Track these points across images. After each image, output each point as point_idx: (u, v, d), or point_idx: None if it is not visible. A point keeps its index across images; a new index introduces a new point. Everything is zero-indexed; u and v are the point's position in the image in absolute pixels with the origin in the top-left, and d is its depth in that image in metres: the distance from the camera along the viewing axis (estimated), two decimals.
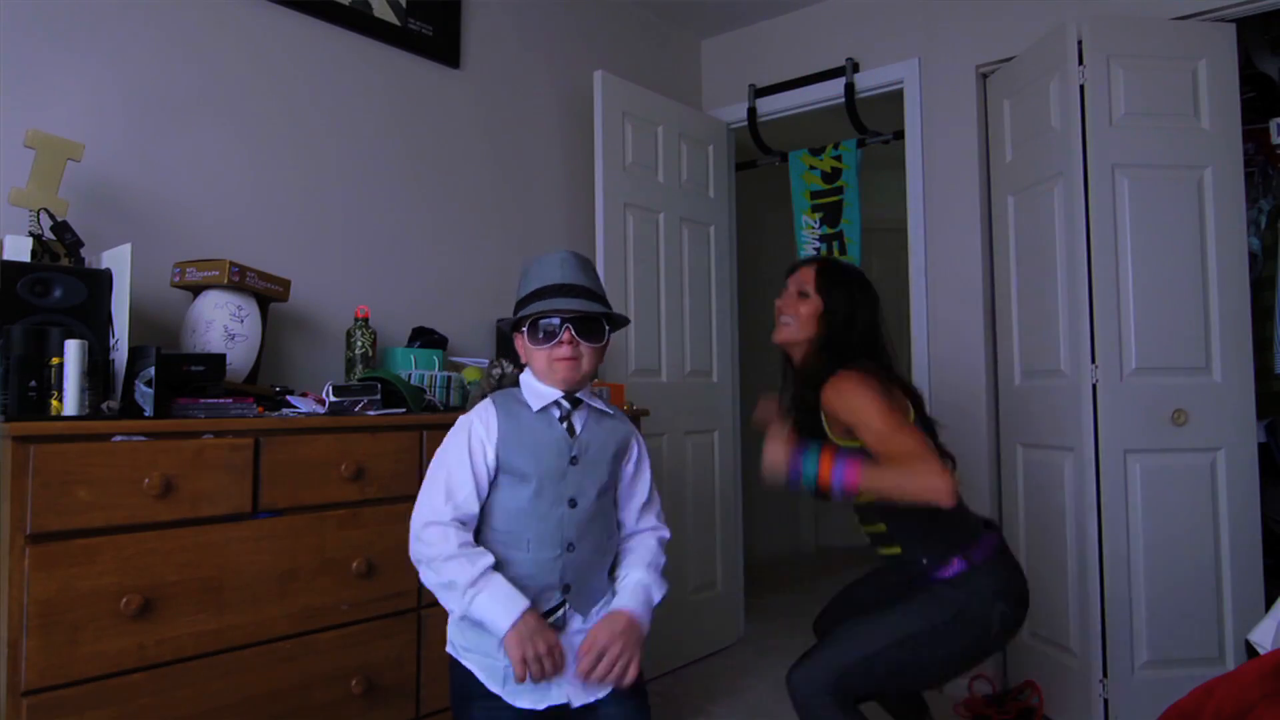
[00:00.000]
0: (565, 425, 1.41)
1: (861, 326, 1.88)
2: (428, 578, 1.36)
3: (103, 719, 1.44)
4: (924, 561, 1.77)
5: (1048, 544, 2.71)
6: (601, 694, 1.40)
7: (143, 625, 1.49)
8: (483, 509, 1.40)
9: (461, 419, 1.43)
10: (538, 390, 1.42)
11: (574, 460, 1.39)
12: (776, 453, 1.67)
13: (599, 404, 1.46)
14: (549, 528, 1.37)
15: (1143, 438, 2.49)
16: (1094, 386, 2.51)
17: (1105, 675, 2.46)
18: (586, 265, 1.44)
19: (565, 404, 1.41)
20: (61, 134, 1.81)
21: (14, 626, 1.37)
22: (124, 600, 1.46)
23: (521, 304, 1.41)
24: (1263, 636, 1.75)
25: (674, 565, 3.19)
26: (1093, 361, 2.51)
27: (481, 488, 1.38)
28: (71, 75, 1.95)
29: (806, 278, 1.91)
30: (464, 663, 1.40)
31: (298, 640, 1.70)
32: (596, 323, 1.40)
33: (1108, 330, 2.50)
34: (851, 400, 1.71)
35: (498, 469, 1.38)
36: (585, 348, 1.38)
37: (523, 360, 1.45)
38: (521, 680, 1.30)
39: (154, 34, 2.09)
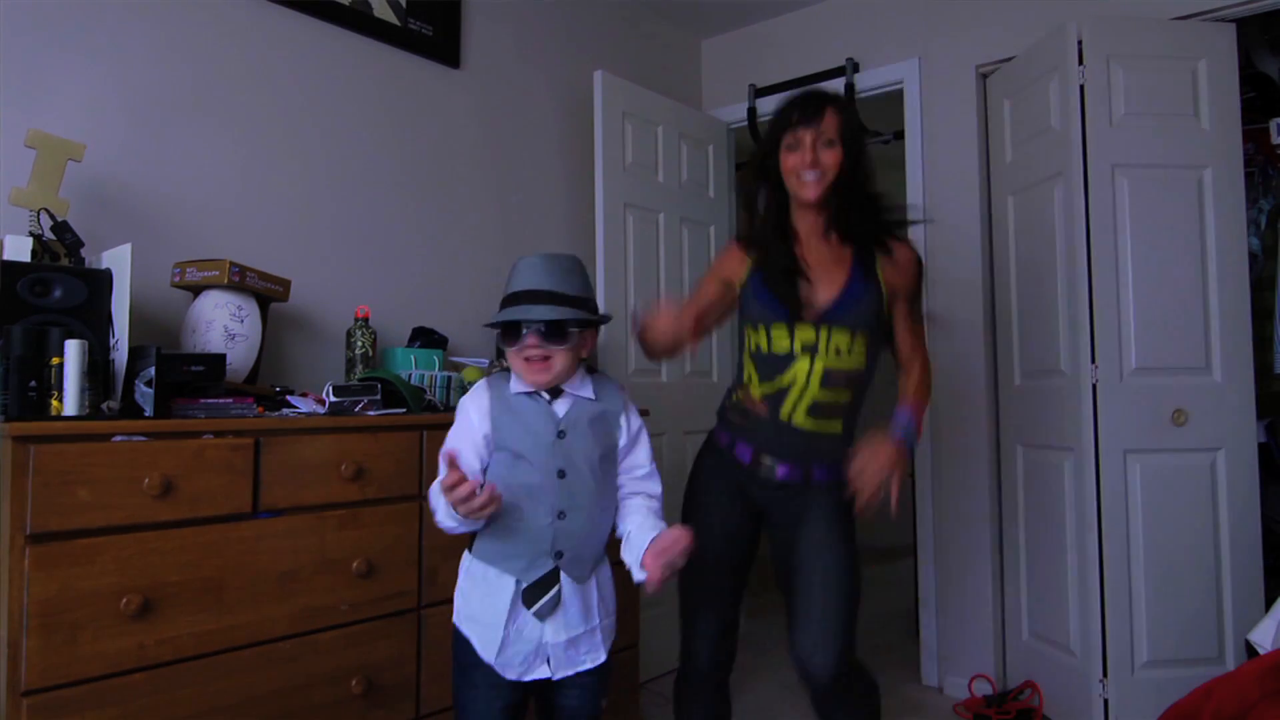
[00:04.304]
0: (550, 405, 1.49)
1: (872, 179, 1.76)
2: (444, 523, 1.45)
3: (103, 719, 1.44)
4: (850, 443, 1.76)
5: (1048, 544, 2.71)
6: (576, 670, 1.49)
7: (143, 625, 1.49)
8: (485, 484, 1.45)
9: (460, 404, 1.53)
10: (522, 379, 1.50)
11: (561, 434, 1.47)
12: (665, 323, 1.56)
13: (585, 392, 1.51)
14: (540, 497, 1.45)
15: (1143, 438, 2.49)
16: (1094, 386, 2.51)
17: (1105, 675, 2.46)
18: (560, 267, 1.47)
19: (545, 394, 1.49)
20: (62, 134, 1.81)
21: (14, 626, 1.37)
22: (124, 600, 1.47)
23: (501, 306, 1.49)
24: (1263, 636, 1.75)
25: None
26: (1093, 361, 2.51)
27: (482, 457, 1.48)
28: (72, 75, 1.95)
29: (832, 124, 1.68)
30: (464, 631, 1.49)
31: (298, 640, 1.70)
32: (560, 326, 1.44)
33: (1108, 330, 2.50)
34: (917, 279, 1.80)
35: (495, 446, 1.48)
36: (553, 349, 1.44)
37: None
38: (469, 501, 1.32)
39: (155, 34, 2.09)
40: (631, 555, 1.45)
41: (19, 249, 1.64)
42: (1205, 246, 2.54)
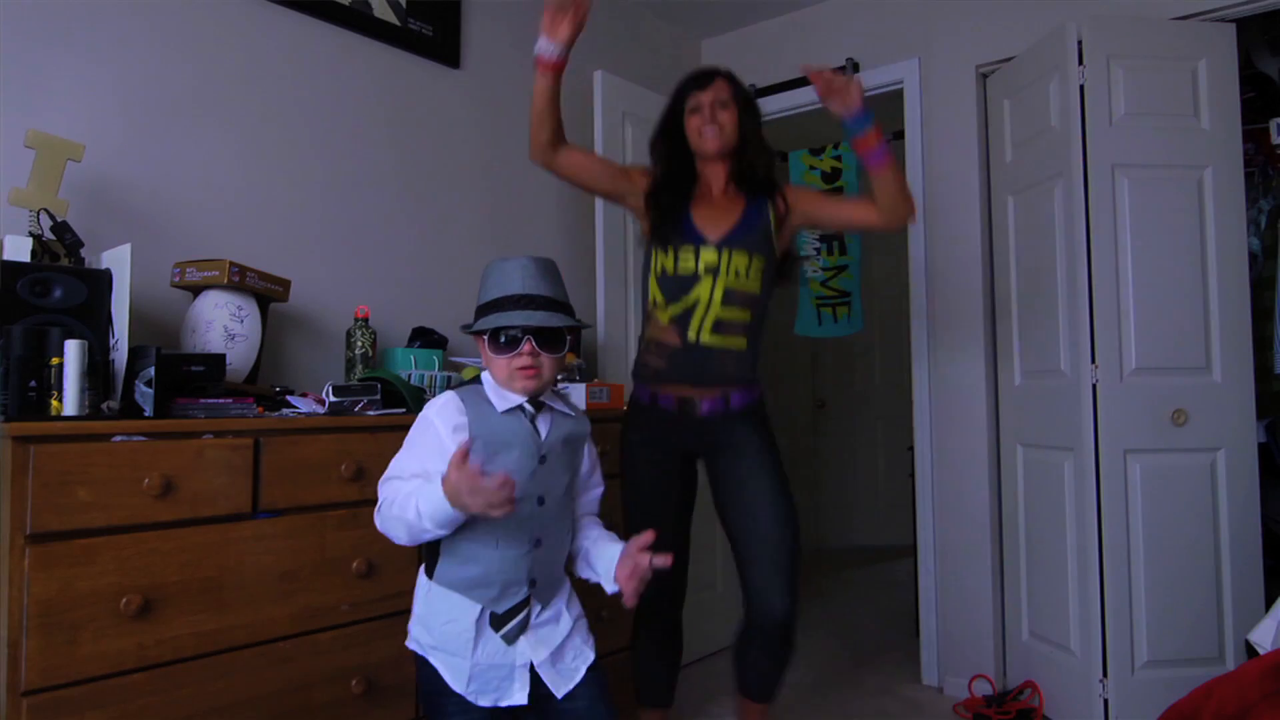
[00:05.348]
0: (532, 426, 1.43)
1: (762, 135, 2.08)
2: (391, 529, 1.36)
3: (103, 719, 1.44)
4: (754, 363, 1.98)
5: (1048, 544, 2.71)
6: (576, 681, 1.44)
7: (143, 625, 1.49)
8: None
9: (422, 416, 1.42)
10: (502, 393, 1.43)
11: (543, 459, 1.42)
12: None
13: (561, 406, 1.49)
14: (518, 525, 1.39)
15: (1143, 438, 2.49)
16: (1094, 386, 2.51)
17: (1105, 675, 2.46)
18: (548, 271, 1.45)
19: (530, 408, 1.43)
20: (62, 134, 1.81)
21: (14, 626, 1.37)
22: (124, 600, 1.46)
23: (483, 310, 1.42)
24: (1263, 636, 1.75)
25: None
26: (1093, 361, 2.51)
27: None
28: (72, 76, 1.95)
29: (723, 90, 2.01)
30: (431, 660, 1.42)
31: (298, 640, 1.70)
32: (557, 333, 1.41)
33: (1108, 330, 2.50)
34: (807, 192, 2.13)
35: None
36: (545, 358, 1.40)
37: (484, 364, 1.47)
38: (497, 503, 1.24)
39: (155, 34, 2.09)
40: (598, 571, 1.47)
41: (19, 249, 1.64)
42: (1205, 246, 2.54)
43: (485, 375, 1.48)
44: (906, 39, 3.20)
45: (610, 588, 1.44)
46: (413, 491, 1.30)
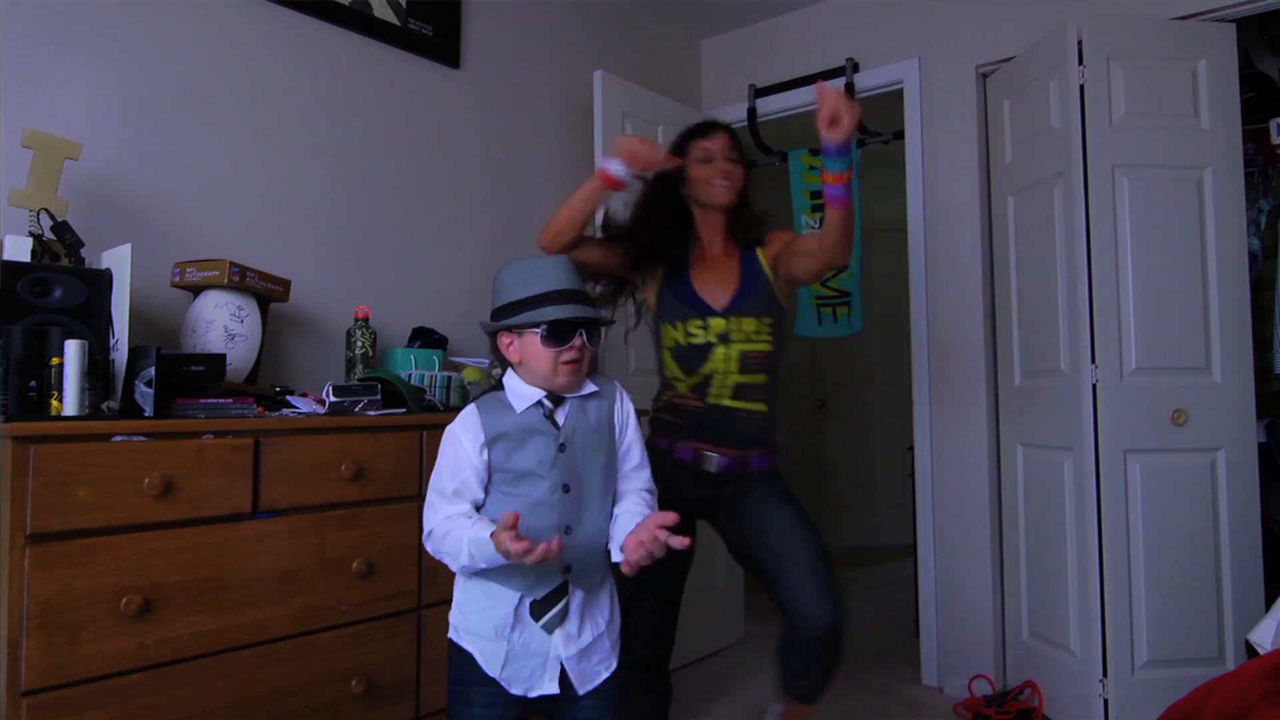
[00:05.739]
0: (548, 420, 1.42)
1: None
2: (445, 560, 1.39)
3: (103, 719, 1.44)
4: (774, 427, 1.97)
5: (1048, 544, 2.71)
6: (596, 683, 1.44)
7: (143, 625, 1.49)
8: (483, 502, 1.42)
9: (446, 431, 1.44)
10: (521, 392, 1.43)
11: (562, 447, 1.42)
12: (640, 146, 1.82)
13: (587, 389, 1.47)
14: (546, 514, 1.40)
15: (1143, 438, 2.49)
16: (1094, 386, 2.51)
17: (1105, 675, 2.46)
18: (574, 268, 1.47)
19: (547, 403, 1.43)
20: (61, 134, 1.81)
21: (14, 626, 1.37)
22: (124, 600, 1.47)
23: (520, 306, 1.40)
24: (1263, 636, 1.75)
25: None
26: (1093, 361, 2.51)
27: (483, 481, 1.41)
28: (72, 75, 1.95)
29: (726, 143, 1.99)
30: (464, 645, 1.43)
31: (298, 640, 1.70)
32: (595, 328, 1.43)
33: (1108, 330, 2.50)
34: (786, 237, 2.04)
35: (490, 469, 1.41)
36: (587, 351, 1.42)
37: (515, 361, 1.44)
38: (530, 556, 1.25)
39: (154, 34, 2.09)
40: (613, 535, 1.44)
41: (19, 249, 1.64)
42: (1205, 246, 2.54)
43: (509, 379, 1.46)
44: (906, 39, 3.20)
45: (615, 555, 1.42)
46: (462, 535, 1.33)
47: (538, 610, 1.40)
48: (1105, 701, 2.46)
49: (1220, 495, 2.51)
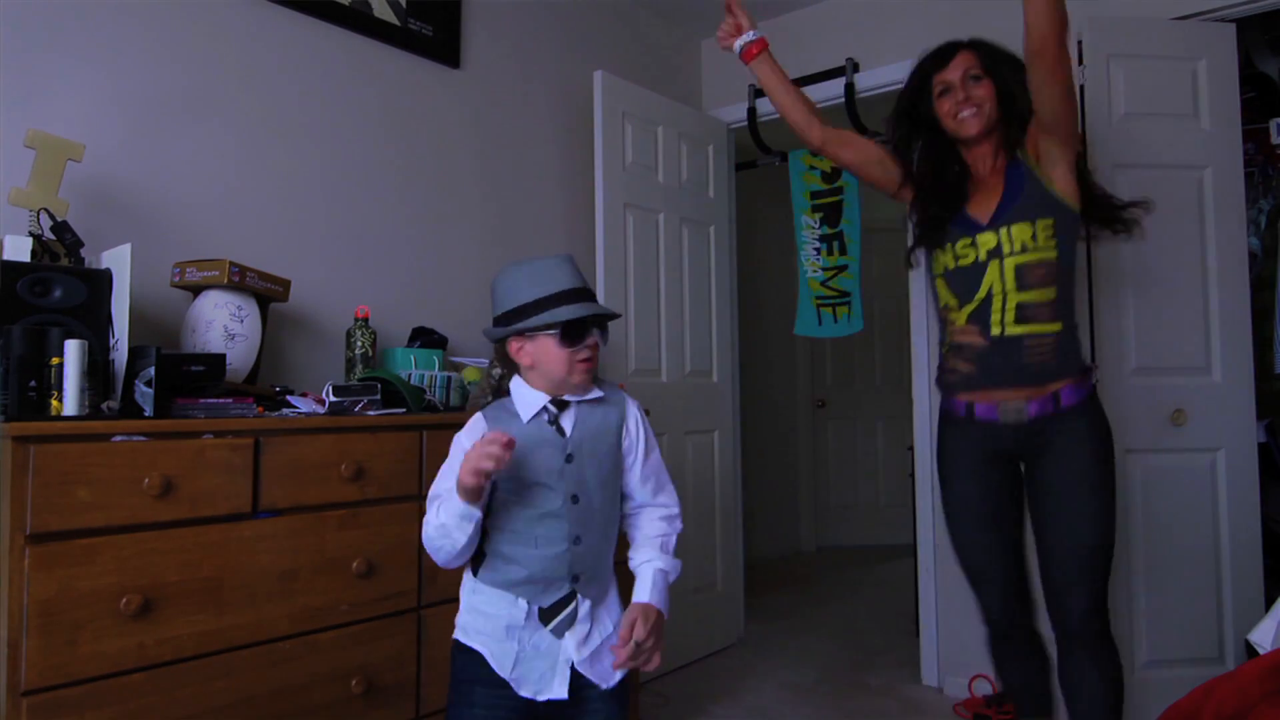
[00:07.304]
0: (555, 428, 1.41)
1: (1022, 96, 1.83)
2: (437, 545, 1.36)
3: (103, 719, 1.44)
4: (1078, 346, 1.79)
5: None
6: (613, 682, 1.43)
7: (143, 625, 1.49)
8: (490, 513, 1.41)
9: (455, 440, 1.44)
10: (527, 398, 1.42)
11: (569, 458, 1.40)
12: None
13: (595, 393, 1.45)
14: (555, 524, 1.39)
15: (1143, 438, 2.49)
16: (1094, 386, 2.51)
17: None
18: (576, 266, 1.47)
19: (552, 408, 1.41)
20: (62, 134, 1.81)
21: (14, 626, 1.37)
22: (124, 600, 1.46)
23: (530, 309, 1.38)
24: (1263, 636, 1.75)
25: None
26: (1092, 361, 2.51)
27: (486, 491, 1.38)
28: (72, 76, 1.95)
29: (965, 65, 1.85)
30: (473, 645, 1.41)
31: (298, 640, 1.70)
32: (605, 324, 1.44)
33: (1108, 330, 2.50)
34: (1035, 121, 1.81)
35: (500, 478, 1.38)
36: (598, 349, 1.42)
37: (525, 365, 1.42)
38: (491, 466, 1.26)
39: (155, 34, 2.09)
40: (637, 574, 1.48)
41: (19, 249, 1.64)
42: (1205, 246, 2.54)
43: (515, 385, 1.44)
44: (906, 39, 3.19)
45: (640, 594, 1.45)
46: (440, 516, 1.34)
47: (546, 615, 1.39)
48: None
49: (1220, 495, 2.51)
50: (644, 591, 1.44)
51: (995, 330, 1.75)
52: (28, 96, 1.88)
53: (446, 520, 1.33)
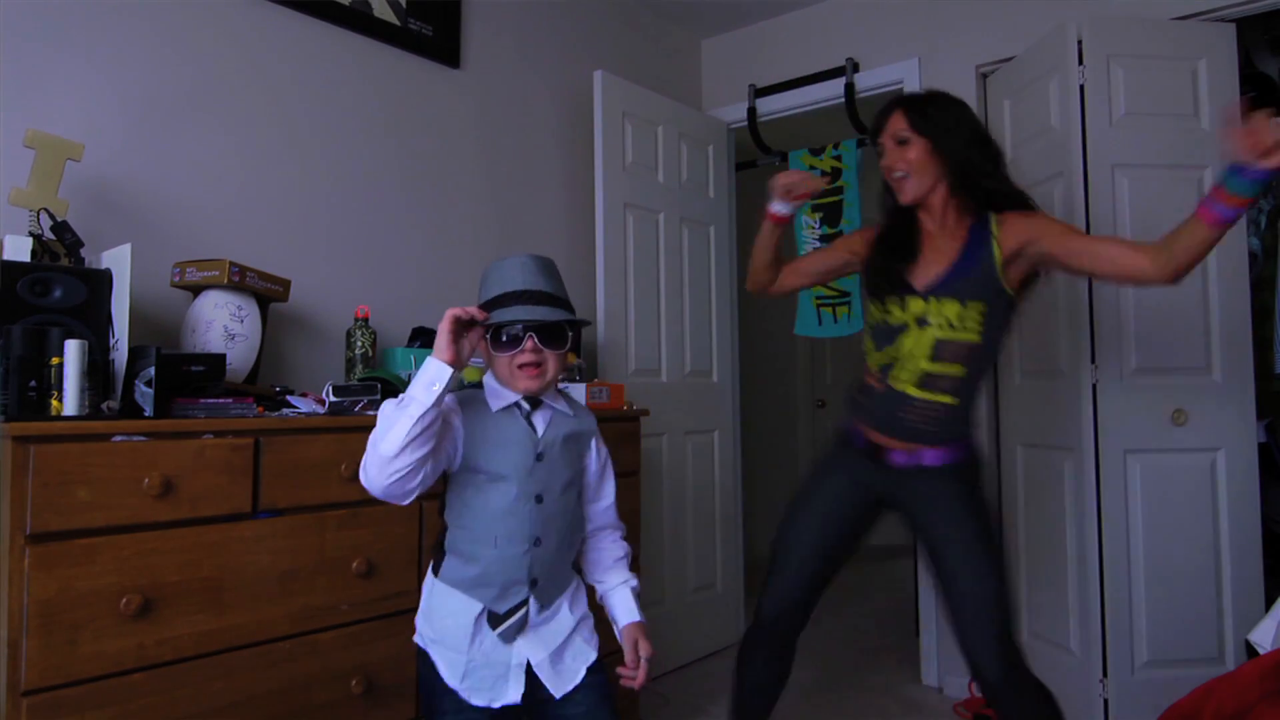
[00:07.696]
0: (527, 422, 1.41)
1: (979, 141, 1.81)
2: (380, 449, 1.24)
3: (103, 719, 1.44)
4: (962, 420, 1.82)
5: (1048, 544, 2.71)
6: (577, 682, 1.44)
7: (143, 625, 1.49)
8: (451, 507, 1.40)
9: None
10: (499, 392, 1.41)
11: (540, 457, 1.40)
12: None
13: (561, 405, 1.46)
14: (516, 524, 1.37)
15: (1143, 438, 2.49)
16: (1094, 386, 2.51)
17: (1105, 675, 2.46)
18: (548, 268, 1.43)
19: (525, 405, 1.41)
20: (61, 134, 1.81)
21: (14, 626, 1.37)
22: (124, 600, 1.47)
23: (486, 307, 1.40)
24: (1263, 636, 1.75)
25: (674, 565, 3.19)
26: (1093, 361, 2.51)
27: (450, 455, 1.35)
28: (72, 75, 1.95)
29: (897, 125, 1.82)
30: (430, 653, 1.41)
31: (298, 640, 1.70)
32: (560, 329, 1.39)
33: (1108, 330, 2.50)
34: (1042, 218, 1.78)
35: (463, 467, 1.38)
36: (548, 354, 1.37)
37: (485, 364, 1.44)
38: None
39: (155, 34, 2.09)
40: (615, 619, 1.52)
41: (19, 249, 1.64)
42: None
43: (487, 378, 1.45)
44: (906, 39, 3.20)
45: (617, 626, 1.51)
46: (394, 412, 1.26)
47: (496, 620, 1.38)
48: (1105, 701, 2.46)
49: (1220, 495, 2.51)
50: (633, 611, 1.50)
51: (894, 384, 1.81)
52: (28, 96, 1.88)
53: (413, 386, 1.24)
